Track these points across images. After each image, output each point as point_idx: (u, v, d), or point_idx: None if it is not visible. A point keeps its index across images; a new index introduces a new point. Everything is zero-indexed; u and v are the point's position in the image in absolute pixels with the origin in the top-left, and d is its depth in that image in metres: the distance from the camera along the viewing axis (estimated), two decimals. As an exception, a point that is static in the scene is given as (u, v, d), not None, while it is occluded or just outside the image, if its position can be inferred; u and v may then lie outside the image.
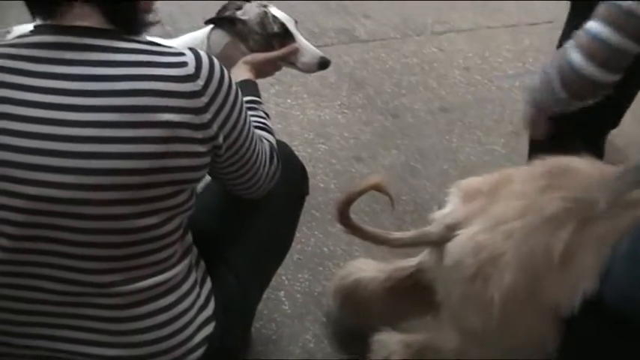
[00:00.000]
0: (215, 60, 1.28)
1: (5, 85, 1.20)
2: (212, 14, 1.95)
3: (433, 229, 1.68)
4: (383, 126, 3.08)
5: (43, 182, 1.19)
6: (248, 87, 1.68)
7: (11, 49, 1.23)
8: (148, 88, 1.19)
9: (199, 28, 3.06)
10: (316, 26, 3.81)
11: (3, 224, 1.22)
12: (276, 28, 1.89)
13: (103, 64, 1.20)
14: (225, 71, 1.30)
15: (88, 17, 1.23)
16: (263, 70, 1.85)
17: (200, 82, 1.22)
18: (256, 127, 1.53)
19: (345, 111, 3.15)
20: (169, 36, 3.37)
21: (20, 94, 1.20)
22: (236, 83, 1.35)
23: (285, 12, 1.95)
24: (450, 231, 1.62)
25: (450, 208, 1.68)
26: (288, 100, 3.19)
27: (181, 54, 1.24)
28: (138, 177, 1.20)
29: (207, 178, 1.45)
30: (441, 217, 1.67)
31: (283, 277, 2.23)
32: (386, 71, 3.51)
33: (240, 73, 1.75)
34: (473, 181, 1.72)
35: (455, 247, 1.59)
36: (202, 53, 1.27)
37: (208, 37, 1.95)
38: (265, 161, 1.47)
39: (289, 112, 3.11)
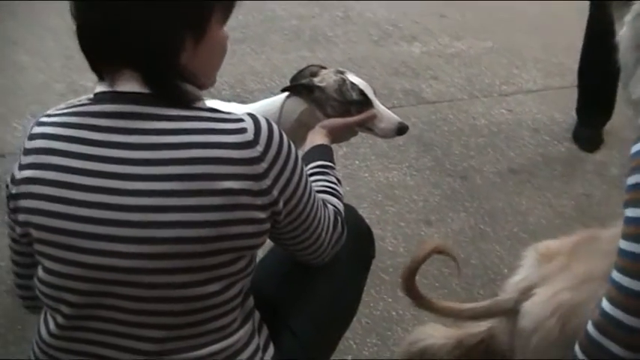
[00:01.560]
0: (274, 125, 1.28)
1: (68, 154, 1.23)
2: (280, 76, 1.99)
3: (507, 296, 1.65)
4: (451, 188, 3.08)
5: (104, 251, 1.20)
6: (322, 151, 1.70)
7: (73, 117, 1.25)
8: (207, 156, 1.19)
9: (268, 89, 3.15)
10: (384, 87, 3.86)
11: (64, 292, 1.24)
12: (354, 95, 1.90)
13: (162, 132, 1.21)
14: (285, 136, 1.29)
15: (137, 82, 1.24)
16: (340, 135, 1.87)
17: (259, 148, 1.22)
18: (324, 191, 1.54)
19: (414, 173, 3.17)
20: (239, 97, 3.51)
21: (82, 163, 1.22)
22: (295, 147, 1.33)
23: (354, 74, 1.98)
24: (525, 294, 1.57)
25: (525, 273, 1.64)
26: (356, 162, 3.22)
27: (240, 120, 1.24)
28: (198, 245, 1.20)
29: None
30: (515, 284, 1.63)
31: (351, 342, 2.23)
32: (454, 133, 3.52)
33: (317, 137, 1.76)
34: (550, 243, 1.68)
35: (533, 307, 1.55)
36: (261, 118, 1.27)
37: (284, 104, 1.97)
38: (328, 227, 1.45)
39: (357, 174, 3.14)
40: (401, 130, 1.92)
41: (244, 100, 3.17)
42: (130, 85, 1.23)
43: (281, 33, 4.47)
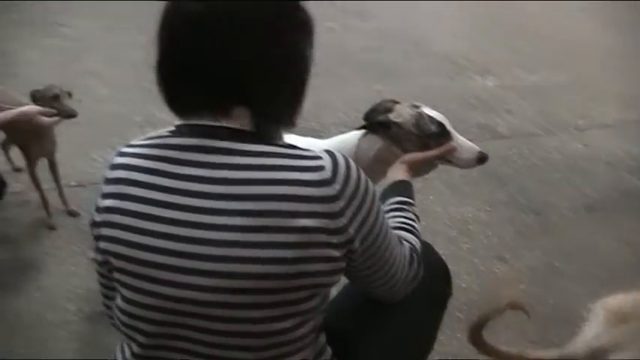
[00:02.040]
0: (352, 163, 1.28)
1: (148, 186, 1.25)
2: (354, 110, 1.99)
3: (579, 351, 1.60)
4: (525, 224, 3.04)
5: (181, 284, 1.21)
6: (402, 187, 1.69)
7: (154, 149, 1.28)
8: (284, 193, 1.19)
9: (342, 123, 3.16)
10: (458, 122, 3.82)
11: (140, 321, 1.26)
12: (434, 128, 1.88)
13: (241, 167, 1.22)
14: (362, 174, 1.29)
15: (236, 118, 1.26)
16: (420, 169, 1.85)
17: (336, 187, 1.21)
18: (401, 228, 1.53)
19: (488, 208, 3.14)
20: (314, 131, 3.54)
21: (162, 195, 1.24)
22: (370, 183, 1.32)
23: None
24: (598, 356, 1.53)
25: (596, 330, 1.59)
26: (430, 197, 3.21)
27: (318, 157, 1.23)
28: (273, 281, 1.20)
29: None
30: (587, 340, 1.59)
31: (424, 380, 2.21)
32: (528, 168, 3.48)
33: (397, 173, 1.75)
34: (620, 302, 1.63)
35: None
36: (339, 156, 1.26)
37: (360, 140, 1.96)
38: (404, 265, 1.44)
39: (431, 209, 3.12)
40: (481, 159, 1.90)
41: (319, 134, 3.20)
42: (225, 120, 1.26)
43: (354, 66, 4.50)
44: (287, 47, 1.27)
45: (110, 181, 1.30)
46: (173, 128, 1.31)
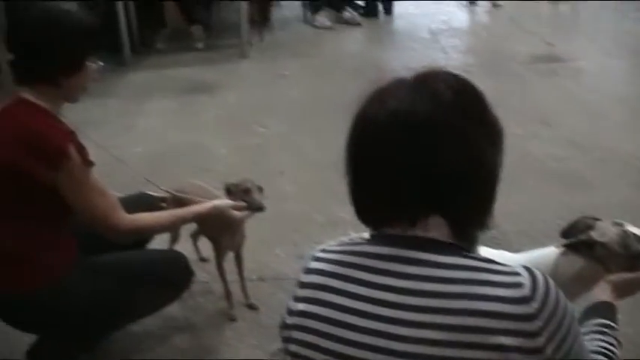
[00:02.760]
0: (550, 281, 1.25)
1: (343, 293, 1.27)
2: (537, 219, 1.93)
3: None
4: None
5: None
6: (605, 310, 1.62)
7: (349, 256, 1.30)
8: (480, 309, 1.18)
9: (523, 232, 3.06)
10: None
11: None
12: None
13: (436, 280, 1.21)
14: (561, 293, 1.26)
15: (435, 228, 1.26)
16: (626, 291, 1.76)
17: (535, 305, 1.19)
18: (599, 352, 1.46)
19: None
20: (494, 239, 3.45)
21: (356, 303, 1.25)
22: (569, 304, 1.28)
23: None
24: None
25: None
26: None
27: (516, 274, 1.22)
28: None
29: None
30: None
31: None
32: None
33: (601, 293, 1.69)
34: None
35: None
36: (538, 273, 1.24)
37: (559, 259, 1.90)
38: None
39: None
40: None
41: (499, 243, 3.12)
42: (423, 230, 1.26)
43: (539, 174, 4.39)
44: (479, 152, 1.27)
45: (304, 285, 1.34)
46: (367, 236, 1.33)
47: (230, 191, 2.69)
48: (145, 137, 5.08)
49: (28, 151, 2.25)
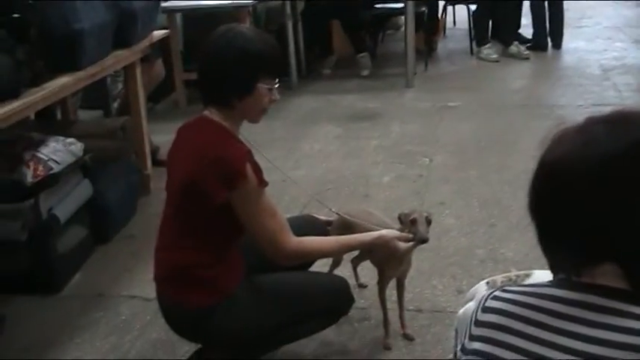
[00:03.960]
0: None
1: (523, 336, 1.22)
2: None
3: None
4: None
5: None
6: None
7: (531, 298, 1.25)
8: None
9: None
10: None
11: None
12: None
13: (623, 330, 1.15)
14: None
15: (612, 276, 1.20)
16: None
17: None
18: None
19: None
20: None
21: (537, 347, 1.20)
22: None
23: None
24: None
25: None
26: None
27: None
28: None
29: None
30: None
31: None
32: None
33: None
34: None
35: None
36: None
37: None
38: None
39: None
40: None
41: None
42: (602, 278, 1.21)
43: None
44: None
45: (481, 324, 1.29)
46: (551, 279, 1.29)
47: (400, 220, 2.68)
48: (308, 161, 5.19)
49: (208, 168, 2.33)
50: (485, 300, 1.33)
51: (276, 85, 2.47)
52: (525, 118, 5.87)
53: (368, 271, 3.32)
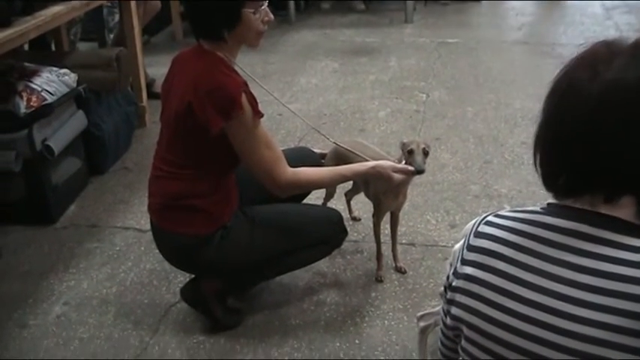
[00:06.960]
0: None
1: (513, 262, 1.22)
2: None
3: None
4: None
5: None
6: None
7: (523, 225, 1.24)
8: None
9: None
10: None
11: None
12: None
13: (615, 261, 1.14)
14: None
15: (622, 208, 1.18)
16: None
17: None
18: None
19: None
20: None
21: (526, 274, 1.20)
22: None
23: None
24: None
25: None
26: None
27: None
28: None
29: None
30: None
31: None
32: None
33: None
34: None
35: None
36: None
37: None
38: None
39: None
40: None
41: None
42: (589, 203, 1.20)
43: None
44: None
45: (473, 248, 1.29)
46: (544, 205, 1.27)
47: (402, 150, 2.65)
48: (304, 95, 5.15)
49: (203, 99, 2.31)
50: (478, 225, 1.33)
51: (263, 7, 2.41)
52: (525, 56, 5.82)
53: (362, 205, 3.33)
